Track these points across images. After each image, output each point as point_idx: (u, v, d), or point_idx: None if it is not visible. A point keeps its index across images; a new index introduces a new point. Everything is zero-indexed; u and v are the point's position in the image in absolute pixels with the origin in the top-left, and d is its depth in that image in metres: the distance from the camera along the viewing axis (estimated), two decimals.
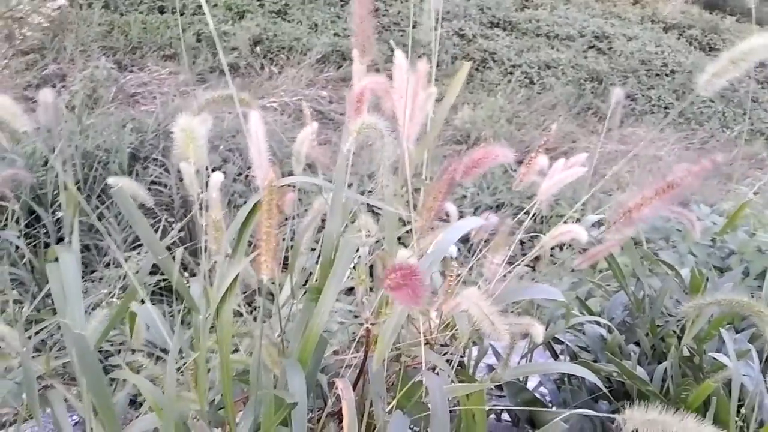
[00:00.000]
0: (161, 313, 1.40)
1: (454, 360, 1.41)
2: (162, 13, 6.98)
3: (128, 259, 2.86)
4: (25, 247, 2.80)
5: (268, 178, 0.94)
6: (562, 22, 8.95)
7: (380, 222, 1.35)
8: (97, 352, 1.41)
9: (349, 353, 1.42)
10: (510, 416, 1.85)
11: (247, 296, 1.64)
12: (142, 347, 1.58)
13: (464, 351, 1.54)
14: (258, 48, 6.74)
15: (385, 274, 0.87)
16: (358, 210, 1.39)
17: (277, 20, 7.33)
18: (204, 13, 6.83)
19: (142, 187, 1.34)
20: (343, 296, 2.42)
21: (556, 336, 1.90)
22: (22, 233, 2.98)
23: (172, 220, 3.52)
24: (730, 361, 1.47)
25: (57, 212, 3.31)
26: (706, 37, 9.69)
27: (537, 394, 1.77)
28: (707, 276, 1.98)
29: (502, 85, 7.30)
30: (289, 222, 1.54)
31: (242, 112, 1.18)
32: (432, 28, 1.46)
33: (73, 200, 1.39)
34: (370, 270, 1.34)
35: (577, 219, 1.85)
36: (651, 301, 1.85)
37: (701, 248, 2.86)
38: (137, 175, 3.85)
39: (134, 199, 1.31)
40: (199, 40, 6.54)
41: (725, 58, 1.03)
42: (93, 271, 3.08)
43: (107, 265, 3.13)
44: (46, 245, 3.11)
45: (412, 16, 1.56)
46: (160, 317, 1.30)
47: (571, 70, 7.95)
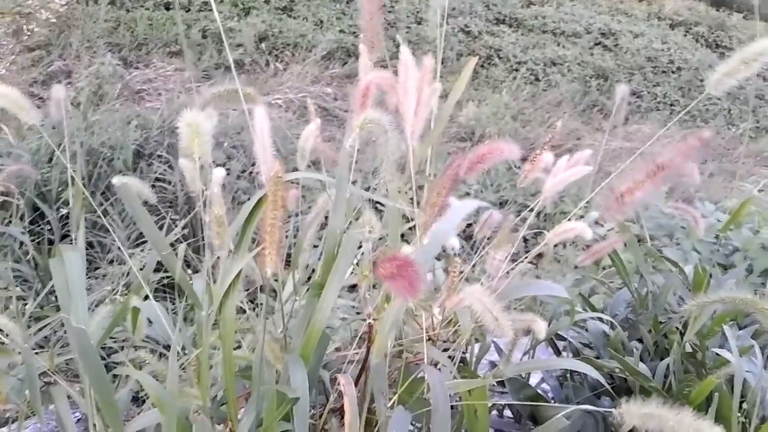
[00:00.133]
0: (164, 310, 1.40)
1: (456, 356, 1.41)
2: (168, 9, 6.98)
3: (132, 256, 2.87)
4: (28, 243, 2.81)
5: (274, 170, 0.94)
6: (568, 19, 8.93)
7: (383, 219, 1.35)
8: (100, 348, 1.42)
9: (351, 349, 1.43)
10: (512, 412, 1.85)
11: (250, 294, 1.65)
12: (145, 344, 1.59)
13: (466, 347, 1.54)
14: (263, 44, 6.74)
15: (379, 263, 0.87)
16: (361, 206, 1.39)
17: (283, 17, 7.33)
18: (209, 10, 6.86)
19: (146, 185, 1.35)
20: (345, 293, 2.42)
21: (559, 332, 1.90)
22: (26, 230, 2.99)
23: (176, 218, 3.53)
24: (733, 357, 1.47)
25: (61, 209, 3.32)
26: (712, 34, 9.65)
27: (539, 390, 1.77)
28: (710, 273, 1.98)
29: (508, 82, 7.28)
30: (292, 219, 1.54)
31: (247, 109, 1.18)
32: (438, 25, 1.46)
33: (80, 196, 1.40)
34: (373, 267, 1.34)
35: (580, 216, 1.85)
36: (654, 298, 1.85)
37: (705, 245, 2.86)
38: (141, 172, 3.86)
39: (138, 196, 1.32)
40: (204, 37, 6.55)
41: (737, 58, 1.03)
42: (96, 268, 3.09)
43: (111, 262, 3.14)
44: (50, 242, 3.12)
45: (417, 13, 1.56)
46: (164, 312, 1.30)
47: (576, 67, 7.93)
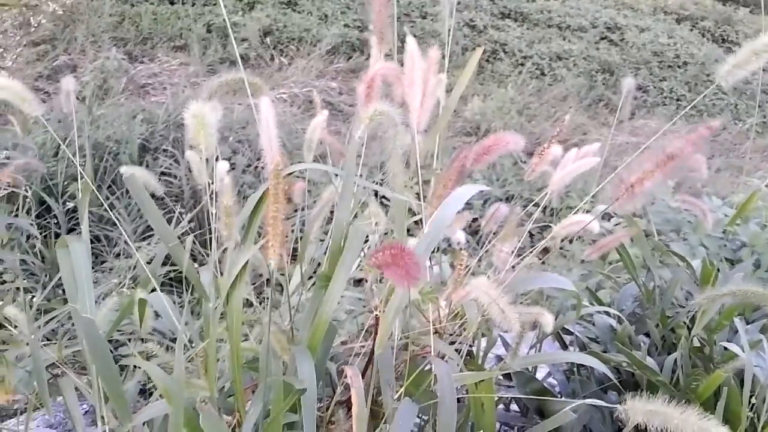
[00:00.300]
0: (171, 302, 1.40)
1: (462, 350, 1.41)
2: (172, 3, 6.98)
3: (138, 249, 2.87)
4: (37, 236, 2.82)
5: (274, 163, 0.94)
6: (573, 13, 8.89)
7: (389, 212, 1.34)
8: (107, 341, 1.42)
9: (357, 342, 1.42)
10: (519, 406, 1.85)
11: (257, 287, 1.65)
12: (152, 337, 1.59)
13: (473, 341, 1.53)
14: (268, 39, 6.73)
15: (373, 253, 0.86)
16: (367, 200, 1.39)
17: (287, 11, 7.31)
18: (214, 4, 6.84)
19: (154, 176, 1.35)
20: (351, 287, 2.42)
21: (565, 327, 1.89)
22: (33, 224, 2.99)
23: (182, 211, 3.53)
24: (743, 351, 1.46)
25: (68, 203, 3.32)
26: (719, 28, 9.60)
27: (546, 384, 1.77)
28: (718, 268, 1.97)
29: (513, 77, 7.26)
30: (298, 213, 1.54)
31: (252, 103, 1.17)
32: (448, 18, 1.46)
33: (88, 189, 1.40)
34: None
35: (587, 211, 1.84)
36: (661, 292, 1.84)
37: (712, 240, 2.84)
38: (147, 166, 3.86)
39: (146, 187, 1.32)
40: (209, 31, 6.54)
41: (747, 49, 1.02)
42: (103, 262, 3.09)
43: (117, 256, 3.14)
44: (56, 235, 3.13)
45: (422, 7, 1.56)
46: (171, 304, 1.30)
47: (582, 61, 7.90)
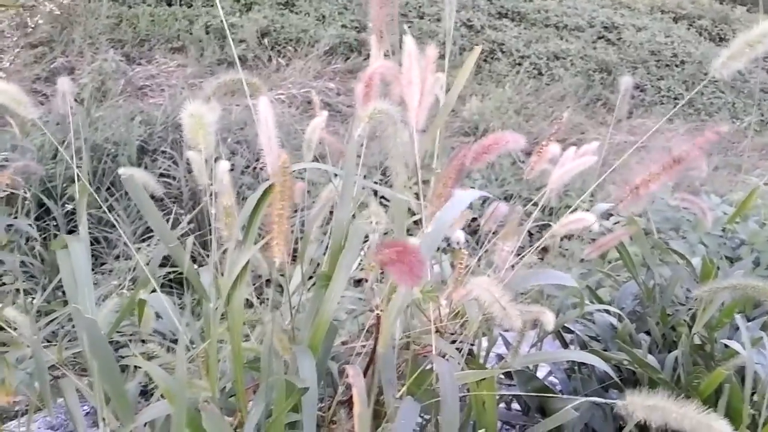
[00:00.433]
0: (171, 302, 1.40)
1: (463, 349, 1.41)
2: (170, 5, 6.98)
3: (137, 251, 2.87)
4: (36, 237, 2.82)
5: (281, 160, 0.93)
6: (571, 13, 8.90)
7: (389, 212, 1.34)
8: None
9: (358, 342, 1.42)
10: (520, 405, 1.85)
11: (257, 288, 1.64)
12: (152, 338, 1.58)
13: (474, 340, 1.53)
14: (266, 40, 6.73)
15: (378, 249, 0.86)
16: (367, 200, 1.38)
17: (285, 12, 7.31)
18: (212, 5, 6.84)
19: (153, 177, 1.35)
20: (351, 287, 2.42)
21: (566, 325, 1.89)
22: (32, 226, 2.99)
23: (181, 212, 3.53)
24: (744, 348, 1.46)
25: (66, 204, 3.32)
26: (716, 27, 9.61)
27: (547, 383, 1.77)
28: (718, 266, 1.97)
29: (511, 76, 7.26)
30: (298, 213, 1.53)
31: (250, 104, 1.17)
32: (448, 18, 1.45)
33: (85, 190, 1.40)
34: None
35: (585, 210, 1.84)
36: (662, 290, 1.84)
37: (712, 238, 2.85)
38: (146, 168, 3.85)
39: (145, 188, 1.32)
40: (207, 33, 6.54)
41: (741, 40, 1.02)
42: (103, 264, 3.09)
43: (117, 258, 3.14)
44: (56, 238, 3.13)
45: (420, 7, 1.56)
46: (171, 304, 1.30)
47: (579, 60, 7.91)
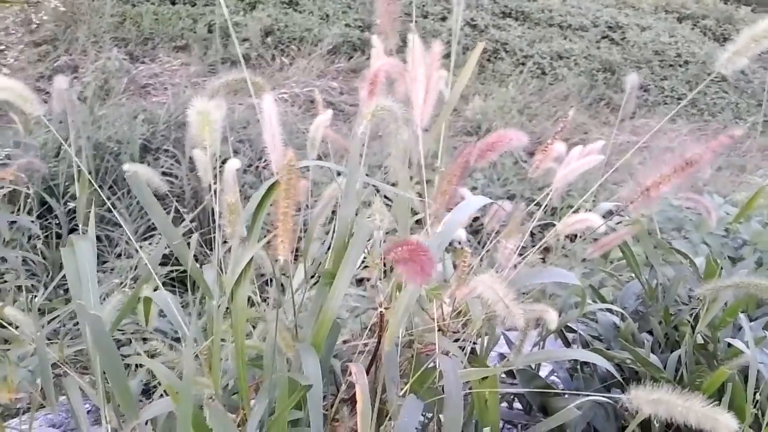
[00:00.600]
0: (175, 299, 1.40)
1: (466, 348, 1.41)
2: (174, 4, 6.98)
3: (140, 249, 2.87)
4: (38, 235, 2.82)
5: (288, 157, 0.93)
6: (575, 12, 8.89)
7: (392, 210, 1.34)
8: None
9: (361, 340, 1.42)
10: (522, 404, 1.84)
11: (258, 288, 1.65)
12: (154, 337, 1.58)
13: (477, 338, 1.53)
14: (269, 39, 6.72)
15: (390, 248, 0.86)
16: (369, 198, 1.38)
17: (288, 11, 7.31)
18: (215, 4, 6.84)
19: (156, 173, 1.35)
20: (352, 286, 2.42)
21: (568, 325, 1.89)
22: (35, 224, 2.99)
23: (184, 211, 3.53)
24: (747, 347, 1.46)
25: (69, 203, 3.32)
26: (720, 27, 9.59)
27: (549, 382, 1.76)
28: (721, 266, 1.97)
29: (514, 76, 7.25)
30: (301, 212, 1.53)
31: (254, 103, 1.17)
32: (455, 19, 1.46)
33: (85, 186, 1.40)
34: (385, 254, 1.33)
35: (588, 210, 1.84)
36: (664, 290, 1.84)
37: (714, 238, 2.84)
38: (149, 166, 3.85)
39: (148, 185, 1.32)
40: (210, 31, 6.54)
41: (747, 36, 1.02)
42: (104, 262, 3.09)
43: (118, 256, 3.15)
44: (58, 236, 3.13)
45: (423, 6, 1.56)
46: (175, 301, 1.30)
47: (583, 60, 7.89)
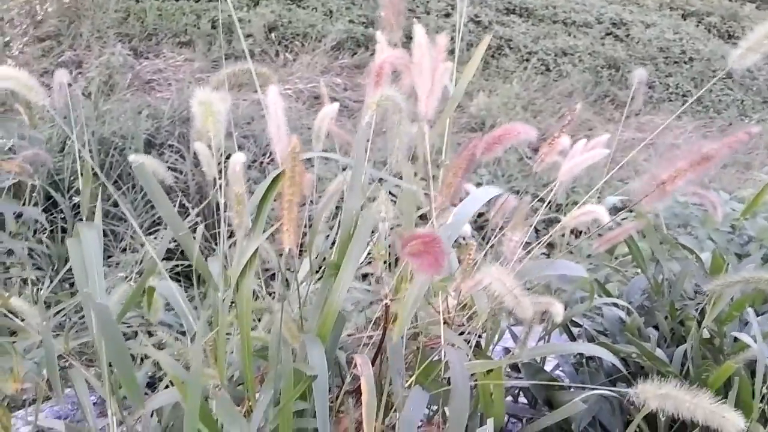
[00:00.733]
0: (181, 290, 1.40)
1: (471, 341, 1.40)
2: None
3: (145, 243, 2.88)
4: (44, 228, 2.82)
5: (292, 144, 0.93)
6: (579, 9, 8.86)
7: (398, 203, 1.34)
8: None
9: (365, 333, 1.42)
10: (527, 398, 1.84)
11: (264, 281, 1.64)
12: (159, 329, 1.58)
13: (482, 331, 1.53)
14: (273, 35, 6.72)
15: (404, 241, 0.86)
16: (374, 193, 1.38)
17: (292, 7, 7.31)
18: (218, 0, 6.83)
19: (162, 165, 1.34)
20: (357, 282, 2.41)
21: (574, 319, 1.89)
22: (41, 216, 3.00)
23: (189, 205, 3.54)
24: (755, 341, 1.46)
25: (74, 197, 3.33)
26: (725, 24, 9.56)
27: (554, 376, 1.76)
28: (728, 262, 1.96)
29: (518, 72, 7.24)
30: (306, 206, 1.53)
31: (258, 99, 1.17)
32: (459, 15, 1.45)
33: (89, 179, 1.40)
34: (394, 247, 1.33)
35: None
36: (670, 285, 1.84)
37: (720, 234, 2.84)
38: None
39: (154, 176, 1.31)
40: (214, 27, 6.54)
41: (760, 32, 1.02)
42: (110, 257, 3.10)
43: (123, 251, 3.15)
44: (63, 230, 3.14)
45: (427, 2, 1.56)
46: (181, 292, 1.30)
47: (588, 57, 7.87)
